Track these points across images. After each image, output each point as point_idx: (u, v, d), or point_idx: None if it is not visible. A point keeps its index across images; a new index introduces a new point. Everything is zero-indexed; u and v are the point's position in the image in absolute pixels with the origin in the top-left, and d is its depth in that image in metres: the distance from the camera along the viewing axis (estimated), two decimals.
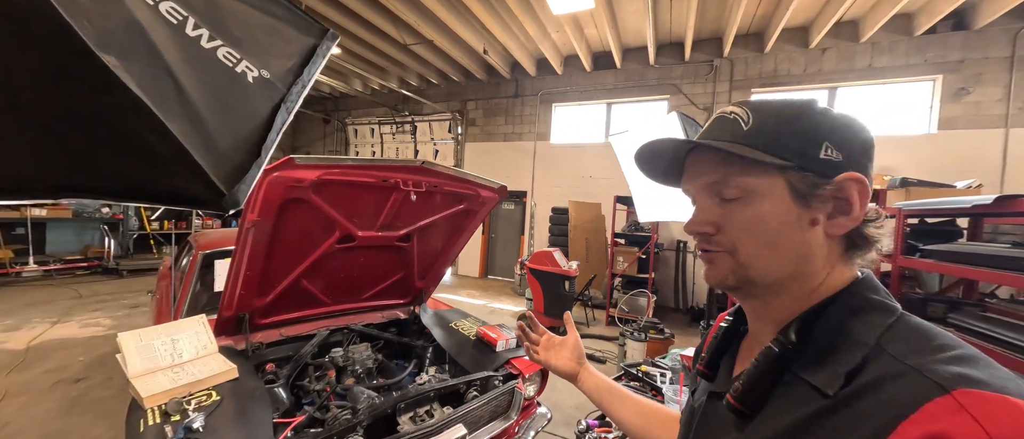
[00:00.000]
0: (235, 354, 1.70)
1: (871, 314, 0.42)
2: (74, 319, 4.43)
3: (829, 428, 0.37)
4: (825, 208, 0.44)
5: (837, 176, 0.43)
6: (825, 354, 0.41)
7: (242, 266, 1.53)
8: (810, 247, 0.44)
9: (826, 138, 0.43)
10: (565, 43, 6.65)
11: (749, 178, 0.45)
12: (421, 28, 5.83)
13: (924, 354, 0.36)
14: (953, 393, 0.32)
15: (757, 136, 0.44)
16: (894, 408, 0.33)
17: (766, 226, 0.44)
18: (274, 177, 1.26)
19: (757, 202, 0.45)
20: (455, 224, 2.11)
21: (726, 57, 6.05)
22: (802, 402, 0.40)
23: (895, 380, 0.35)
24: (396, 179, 1.57)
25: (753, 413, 0.44)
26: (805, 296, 0.45)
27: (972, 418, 0.30)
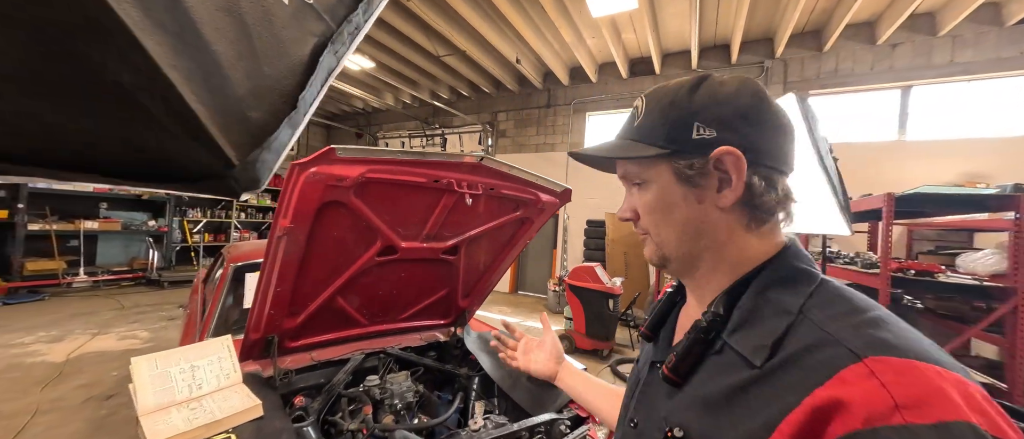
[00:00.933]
0: (261, 383, 1.47)
1: (795, 282, 0.44)
2: (113, 331, 4.44)
3: (754, 397, 0.39)
4: (712, 184, 0.46)
5: (712, 152, 0.45)
6: (752, 323, 0.43)
7: (272, 282, 1.31)
8: (706, 223, 0.48)
9: (695, 119, 0.46)
10: (601, 49, 6.41)
11: (640, 168, 0.50)
12: (454, 38, 5.75)
13: (840, 319, 0.38)
14: (865, 360, 0.34)
15: (641, 129, 0.49)
16: (812, 376, 0.35)
17: (662, 208, 0.49)
18: (312, 173, 1.03)
19: (652, 189, 0.50)
20: (508, 235, 1.83)
21: (779, 58, 5.62)
22: (731, 370, 0.42)
23: (815, 349, 0.37)
24: (450, 179, 1.31)
25: (684, 382, 0.47)
26: (727, 269, 0.48)
27: (880, 384, 0.32)
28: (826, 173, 1.30)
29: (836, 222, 1.37)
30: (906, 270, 2.61)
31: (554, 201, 1.68)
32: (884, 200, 2.36)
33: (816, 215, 1.49)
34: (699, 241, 0.49)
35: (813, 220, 1.52)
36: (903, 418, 0.30)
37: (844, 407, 0.32)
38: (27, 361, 3.50)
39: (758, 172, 0.45)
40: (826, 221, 1.45)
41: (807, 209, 1.52)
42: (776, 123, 0.47)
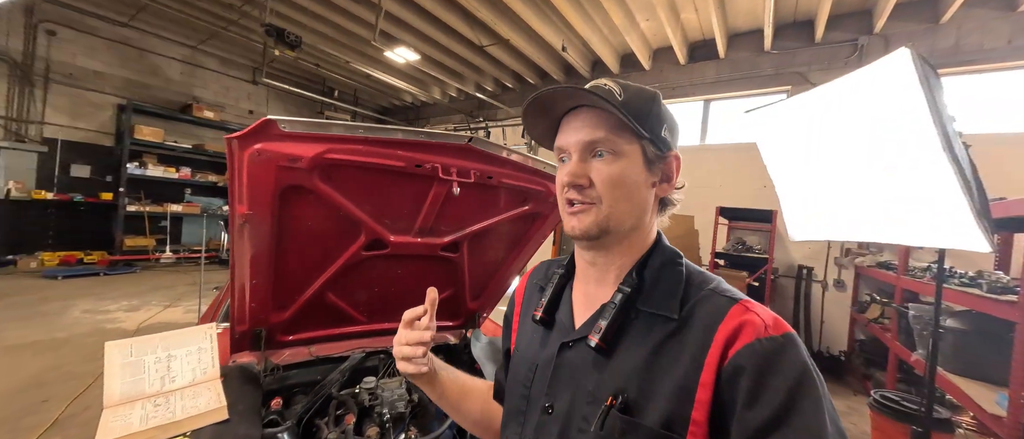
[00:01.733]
0: (247, 379, 1.38)
1: (676, 259, 0.58)
2: (181, 304, 4.90)
3: (677, 341, 0.51)
4: (658, 174, 0.58)
5: (669, 152, 0.58)
6: (659, 290, 0.55)
7: (246, 273, 1.20)
8: (648, 204, 0.58)
9: (666, 122, 0.58)
10: (656, 33, 5.85)
11: (621, 141, 0.55)
12: (497, 26, 5.55)
13: (708, 283, 0.54)
14: (741, 302, 0.50)
15: (630, 108, 0.53)
16: (713, 316, 0.50)
17: (626, 182, 0.55)
18: (256, 152, 0.88)
19: (622, 162, 0.55)
20: (518, 231, 1.59)
21: (878, 33, 4.69)
22: (651, 330, 0.53)
23: (707, 300, 0.52)
24: (434, 163, 1.11)
25: (613, 350, 0.54)
26: (636, 247, 0.58)
27: (756, 315, 0.48)
28: (955, 164, 0.90)
29: (968, 232, 0.95)
30: None
31: None
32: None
33: (931, 221, 1.07)
34: (640, 218, 0.57)
35: (927, 228, 1.10)
36: (771, 332, 0.47)
37: (741, 329, 0.47)
38: (107, 327, 3.95)
39: None
40: (950, 231, 1.02)
41: (914, 212, 1.10)
42: None
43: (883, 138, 1.09)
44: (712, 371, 0.47)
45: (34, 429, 2.26)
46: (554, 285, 0.65)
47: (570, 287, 0.65)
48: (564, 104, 0.57)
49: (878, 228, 1.18)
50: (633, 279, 0.55)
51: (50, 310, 4.31)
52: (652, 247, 0.58)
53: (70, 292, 5.04)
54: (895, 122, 1.03)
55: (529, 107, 0.58)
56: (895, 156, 1.07)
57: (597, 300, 0.58)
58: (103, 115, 7.09)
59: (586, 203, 0.55)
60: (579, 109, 0.56)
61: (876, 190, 1.16)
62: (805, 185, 1.37)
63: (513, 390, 0.64)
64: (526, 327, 0.68)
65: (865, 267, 4.28)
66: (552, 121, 0.60)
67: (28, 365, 3.03)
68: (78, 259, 6.48)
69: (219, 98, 8.49)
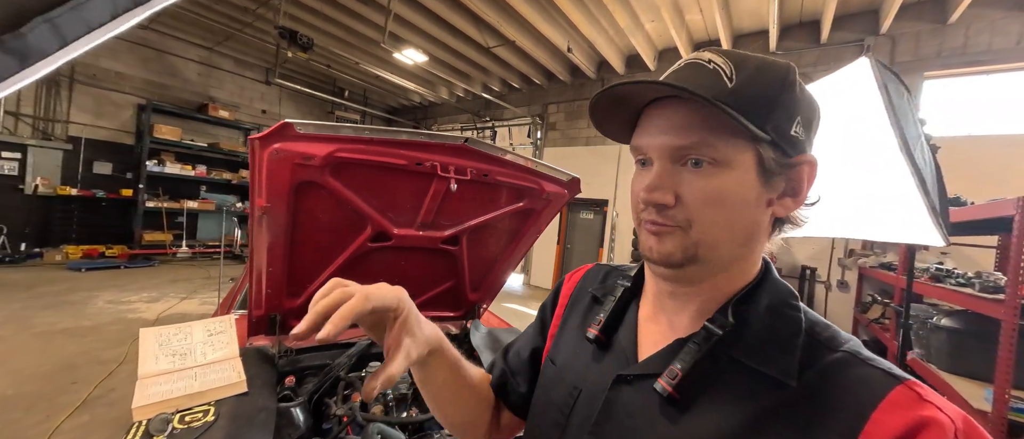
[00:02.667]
0: (263, 359, 1.51)
1: (789, 300, 0.43)
2: (197, 297, 5.10)
3: (793, 420, 0.36)
4: (779, 187, 0.42)
5: (797, 156, 0.41)
6: (767, 341, 0.40)
7: (263, 261, 1.32)
8: (759, 227, 0.43)
9: (799, 113, 0.41)
10: (661, 34, 5.89)
11: (726, 146, 0.39)
12: (504, 28, 5.65)
13: (841, 341, 0.39)
14: (907, 383, 0.35)
15: (743, 98, 0.38)
16: (861, 398, 0.35)
17: (727, 201, 0.40)
18: (275, 151, 1.00)
19: (724, 174, 0.40)
20: (514, 226, 1.69)
21: (885, 33, 4.68)
22: (755, 393, 0.39)
23: (846, 370, 0.37)
24: (433, 162, 1.21)
25: (689, 403, 0.41)
26: (738, 277, 0.44)
27: (938, 409, 0.33)
28: (912, 164, 0.98)
29: (924, 228, 1.02)
30: None
31: (561, 192, 1.50)
32: (1017, 206, 1.80)
33: (900, 218, 1.14)
34: (745, 247, 0.43)
35: (896, 225, 1.17)
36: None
37: (917, 433, 0.32)
38: (128, 316, 4.15)
39: None
40: (914, 227, 1.10)
41: (887, 209, 1.18)
42: None
43: (852, 140, 1.17)
44: None
45: (66, 407, 2.43)
46: (617, 299, 0.53)
47: (636, 306, 0.52)
48: (644, 94, 0.43)
49: (850, 225, 1.26)
50: (727, 318, 0.41)
51: (76, 300, 4.54)
52: (757, 280, 0.44)
53: (93, 284, 5.28)
54: (860, 126, 1.11)
55: (599, 101, 0.44)
56: (863, 157, 1.15)
57: (669, 331, 0.47)
58: (124, 114, 7.37)
59: (668, 226, 0.42)
60: (666, 100, 0.42)
61: (847, 189, 1.24)
62: None
63: (545, 409, 0.53)
64: (568, 339, 0.57)
65: (868, 268, 4.29)
66: (630, 112, 0.45)
67: (60, 350, 3.23)
68: (100, 252, 6.76)
69: (234, 98, 8.74)
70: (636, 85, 0.41)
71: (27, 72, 0.35)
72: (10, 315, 3.89)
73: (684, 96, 0.39)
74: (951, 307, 2.71)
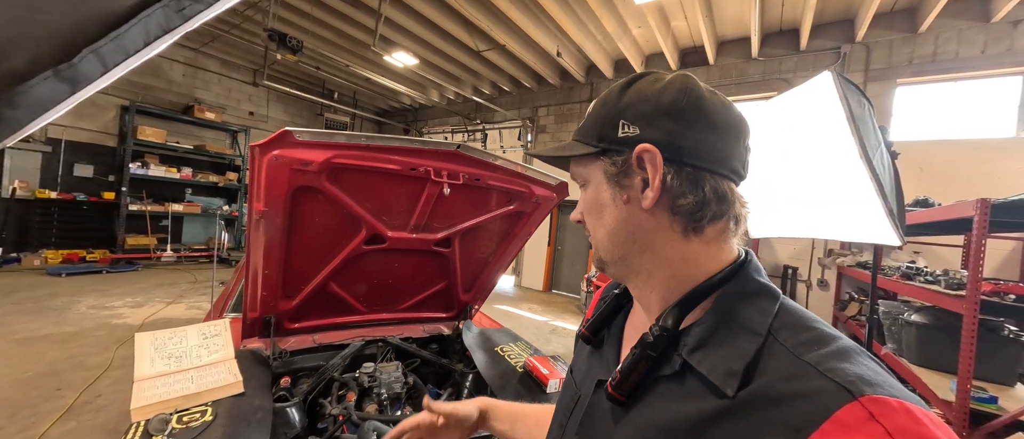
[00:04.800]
0: (257, 361, 1.53)
1: (757, 299, 0.41)
2: (184, 301, 5.03)
3: (729, 431, 0.34)
4: (637, 184, 0.44)
5: (627, 150, 0.43)
6: (717, 343, 0.39)
7: (259, 264, 1.35)
8: (636, 226, 0.44)
9: (621, 116, 0.44)
10: (648, 40, 6.03)
11: (582, 169, 0.49)
12: (494, 33, 5.72)
13: (814, 346, 0.35)
14: (861, 400, 0.30)
15: (582, 129, 0.47)
16: (802, 415, 0.31)
17: (595, 208, 0.47)
18: (275, 157, 1.03)
19: (589, 188, 0.48)
20: (504, 229, 1.75)
21: (860, 41, 4.88)
22: (694, 397, 0.38)
23: (796, 381, 0.33)
24: (426, 167, 1.26)
25: (629, 402, 0.42)
26: (670, 278, 0.45)
27: (885, 431, 0.29)
28: (870, 169, 1.06)
29: (882, 229, 1.11)
30: (1003, 294, 2.12)
31: (549, 195, 1.56)
32: (976, 207, 1.92)
33: (864, 220, 1.23)
34: (631, 245, 0.45)
35: (860, 226, 1.26)
36: None
37: None
38: (113, 322, 4.08)
39: (679, 171, 0.42)
40: (876, 228, 1.19)
41: (852, 211, 1.26)
42: (708, 121, 0.43)
43: (819, 147, 1.26)
44: None
45: (51, 414, 2.39)
46: (608, 303, 0.56)
47: (626, 314, 0.55)
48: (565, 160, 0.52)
49: (820, 225, 1.35)
50: (666, 320, 0.42)
51: (57, 305, 4.43)
52: (716, 280, 0.42)
53: (74, 289, 5.16)
54: (826, 134, 1.19)
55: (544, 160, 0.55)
56: (829, 163, 1.23)
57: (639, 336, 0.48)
58: (106, 116, 7.21)
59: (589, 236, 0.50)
60: None
61: (817, 192, 1.33)
62: (762, 187, 1.53)
63: (557, 414, 0.57)
64: (581, 349, 0.60)
65: (846, 267, 4.45)
66: None
67: (43, 356, 3.16)
68: (81, 257, 6.59)
69: (220, 100, 8.62)
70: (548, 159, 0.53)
71: (75, 97, 0.40)
72: None
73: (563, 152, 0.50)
74: (921, 303, 2.85)
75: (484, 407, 0.74)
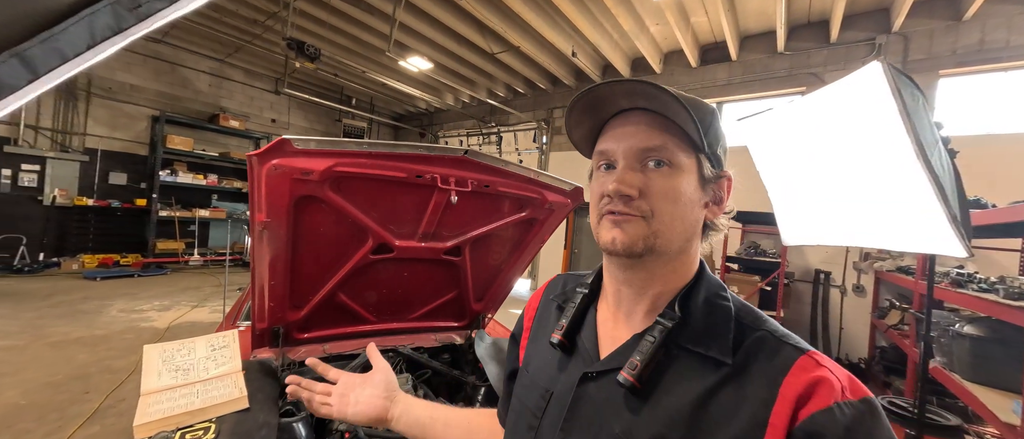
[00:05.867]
0: (267, 372, 1.50)
1: (721, 291, 0.51)
2: (208, 305, 5.16)
3: (732, 392, 0.44)
4: (710, 195, 0.51)
5: (722, 171, 0.52)
6: (706, 328, 0.48)
7: (264, 275, 1.32)
8: (698, 226, 0.51)
9: (720, 142, 0.51)
10: (666, 37, 5.85)
11: (680, 152, 0.48)
12: (508, 35, 5.67)
13: (761, 322, 0.48)
14: (809, 353, 0.44)
15: (690, 111, 0.46)
16: (776, 366, 0.43)
17: (681, 198, 0.48)
18: (273, 166, 0.99)
19: (678, 175, 0.48)
20: (517, 237, 1.67)
21: (897, 32, 4.58)
22: (700, 373, 0.46)
23: (764, 345, 0.45)
24: (433, 174, 1.20)
25: (650, 390, 0.47)
26: (680, 273, 0.51)
27: (830, 371, 0.42)
28: (928, 170, 0.93)
29: (944, 238, 0.98)
30: None
31: (564, 201, 1.48)
32: None
33: (918, 227, 1.09)
34: (688, 243, 0.51)
35: (914, 234, 1.12)
36: (847, 396, 0.41)
37: (814, 388, 0.41)
38: (140, 325, 4.21)
39: None
40: (934, 237, 1.05)
41: (903, 218, 1.13)
42: None
43: (865, 146, 1.13)
44: (780, 434, 0.40)
45: (78, 417, 2.46)
46: (577, 305, 0.58)
47: (595, 309, 0.58)
48: (616, 103, 0.50)
49: (864, 233, 1.21)
50: (675, 312, 0.48)
51: (90, 309, 4.62)
52: (696, 277, 0.51)
53: (107, 292, 5.38)
54: (874, 131, 1.07)
55: (579, 102, 0.51)
56: (876, 163, 1.10)
57: (627, 328, 0.52)
58: (138, 126, 7.54)
59: (631, 215, 0.48)
60: (629, 112, 0.50)
61: (860, 196, 1.19)
62: (795, 190, 1.40)
63: (519, 419, 0.57)
64: (539, 348, 0.61)
65: (885, 272, 4.17)
66: (596, 122, 0.53)
67: (74, 359, 3.28)
68: (115, 261, 6.89)
69: (244, 108, 8.89)
70: (620, 86, 0.48)
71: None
72: (26, 324, 3.97)
73: (668, 106, 0.47)
74: (973, 313, 2.61)
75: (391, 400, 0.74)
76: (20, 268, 6.12)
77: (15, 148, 6.24)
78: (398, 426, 0.72)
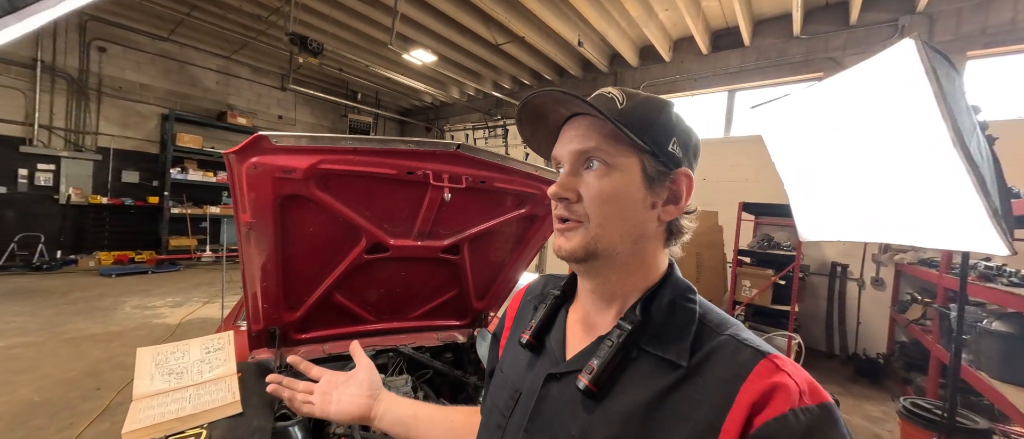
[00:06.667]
0: (265, 373, 1.47)
1: (688, 293, 0.51)
2: (219, 301, 5.23)
3: (686, 394, 0.43)
4: (662, 195, 0.50)
5: (676, 169, 0.50)
6: (667, 330, 0.48)
7: (255, 277, 1.28)
8: (646, 227, 0.50)
9: (674, 135, 0.50)
10: (676, 24, 5.67)
11: (616, 152, 0.48)
12: (512, 25, 5.54)
13: (726, 326, 0.47)
14: (769, 357, 0.43)
15: (629, 117, 0.48)
16: (734, 371, 0.42)
17: (619, 199, 0.48)
18: (253, 164, 0.94)
19: (616, 176, 0.48)
20: (518, 233, 1.61)
21: (922, 11, 4.35)
22: (655, 375, 0.46)
23: (724, 349, 0.45)
24: (425, 170, 1.14)
25: (605, 393, 0.47)
26: (642, 276, 0.51)
27: (788, 376, 0.41)
28: (966, 159, 0.84)
29: (982, 234, 0.88)
30: None
31: None
32: None
33: (952, 221, 1.00)
34: (635, 244, 0.50)
35: (946, 229, 1.03)
36: (805, 401, 0.40)
37: (771, 394, 0.40)
38: (153, 321, 4.28)
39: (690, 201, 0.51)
40: (964, 232, 0.96)
41: (934, 211, 1.03)
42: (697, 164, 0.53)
43: (893, 133, 1.03)
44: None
45: (90, 414, 2.50)
46: (548, 306, 0.59)
47: (566, 310, 0.59)
48: (558, 111, 0.52)
49: (891, 228, 1.12)
50: (636, 315, 0.48)
51: (105, 305, 4.72)
52: (662, 280, 0.51)
53: (122, 289, 5.49)
54: (904, 116, 0.97)
55: (521, 114, 0.53)
56: (905, 152, 1.01)
57: (594, 329, 0.53)
58: (149, 124, 7.63)
59: (574, 221, 0.49)
60: (578, 117, 0.51)
61: (887, 188, 1.10)
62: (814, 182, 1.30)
63: (490, 416, 0.58)
64: (513, 348, 0.62)
65: (906, 265, 4.01)
66: (551, 130, 0.55)
67: (87, 355, 3.35)
68: (130, 258, 7.04)
69: (251, 105, 8.94)
70: (548, 95, 0.49)
71: None
72: (45, 321, 4.06)
73: (588, 110, 0.48)
74: (1002, 309, 2.47)
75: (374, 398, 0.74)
76: (39, 266, 6.29)
77: (30, 148, 6.36)
78: (381, 424, 0.72)
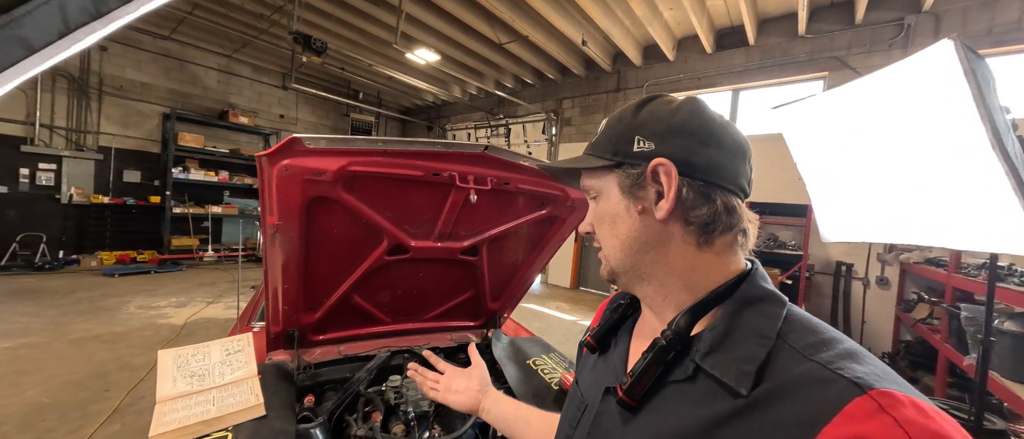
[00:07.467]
0: (282, 376, 1.47)
1: (766, 305, 0.42)
2: (223, 301, 5.21)
3: (742, 432, 0.35)
4: (651, 196, 0.46)
5: (644, 164, 0.46)
6: (728, 347, 0.40)
7: (277, 278, 1.27)
8: (649, 236, 0.47)
9: (636, 132, 0.47)
10: (680, 22, 5.66)
11: (594, 181, 0.51)
12: (516, 24, 5.53)
13: (822, 348, 0.37)
14: (870, 393, 0.32)
15: (595, 144, 0.51)
16: (813, 411, 0.33)
17: (605, 218, 0.50)
18: (284, 167, 0.93)
19: (602, 200, 0.51)
20: (536, 235, 1.60)
21: (928, 10, 4.35)
22: (711, 400, 0.39)
23: (808, 378, 0.35)
24: (451, 172, 1.13)
25: (639, 406, 0.44)
26: (683, 287, 0.47)
27: (894, 422, 0.30)
28: (1007, 162, 0.84)
29: (1020, 236, 0.88)
30: None
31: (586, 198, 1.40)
32: None
33: (981, 224, 1.00)
34: (644, 255, 0.48)
35: (974, 231, 1.02)
36: None
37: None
38: (158, 321, 4.26)
39: (692, 185, 0.45)
40: (999, 234, 0.95)
41: (965, 213, 1.03)
42: (717, 140, 0.46)
43: (924, 134, 1.03)
44: None
45: (99, 415, 2.49)
46: (615, 315, 0.58)
47: (632, 322, 0.57)
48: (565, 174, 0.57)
49: (920, 230, 1.11)
50: (679, 324, 0.43)
51: (109, 305, 4.69)
52: (726, 287, 0.44)
53: (125, 289, 5.46)
54: (937, 117, 0.97)
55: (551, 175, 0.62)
56: (937, 153, 1.00)
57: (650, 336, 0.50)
58: (150, 123, 7.59)
59: (600, 250, 0.52)
60: None
61: (917, 189, 1.09)
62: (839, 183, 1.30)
63: (562, 424, 0.59)
64: (588, 358, 0.62)
65: (912, 264, 4.02)
66: None
67: (94, 356, 3.33)
68: (132, 258, 7.01)
69: (253, 104, 8.90)
70: (550, 171, 0.59)
71: None
72: (49, 322, 4.04)
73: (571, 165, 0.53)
74: (1012, 308, 2.48)
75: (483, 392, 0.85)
76: (41, 265, 6.26)
77: (31, 148, 6.33)
78: (487, 417, 0.82)
